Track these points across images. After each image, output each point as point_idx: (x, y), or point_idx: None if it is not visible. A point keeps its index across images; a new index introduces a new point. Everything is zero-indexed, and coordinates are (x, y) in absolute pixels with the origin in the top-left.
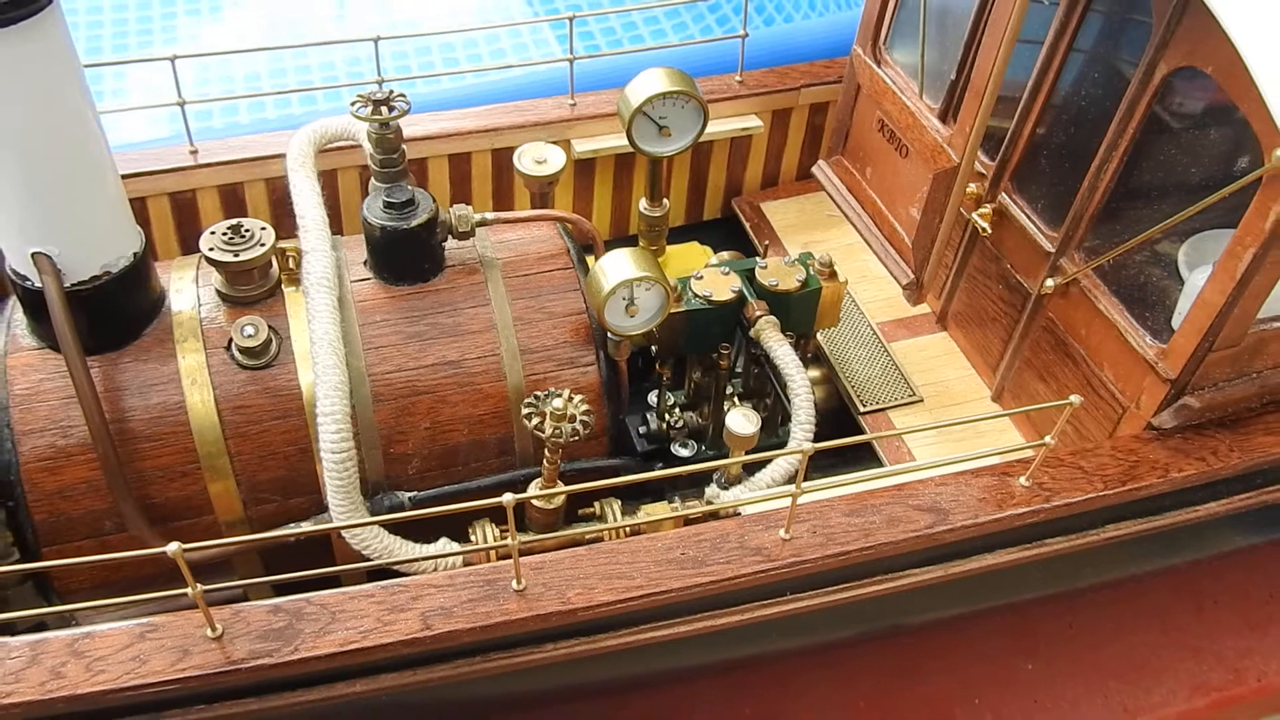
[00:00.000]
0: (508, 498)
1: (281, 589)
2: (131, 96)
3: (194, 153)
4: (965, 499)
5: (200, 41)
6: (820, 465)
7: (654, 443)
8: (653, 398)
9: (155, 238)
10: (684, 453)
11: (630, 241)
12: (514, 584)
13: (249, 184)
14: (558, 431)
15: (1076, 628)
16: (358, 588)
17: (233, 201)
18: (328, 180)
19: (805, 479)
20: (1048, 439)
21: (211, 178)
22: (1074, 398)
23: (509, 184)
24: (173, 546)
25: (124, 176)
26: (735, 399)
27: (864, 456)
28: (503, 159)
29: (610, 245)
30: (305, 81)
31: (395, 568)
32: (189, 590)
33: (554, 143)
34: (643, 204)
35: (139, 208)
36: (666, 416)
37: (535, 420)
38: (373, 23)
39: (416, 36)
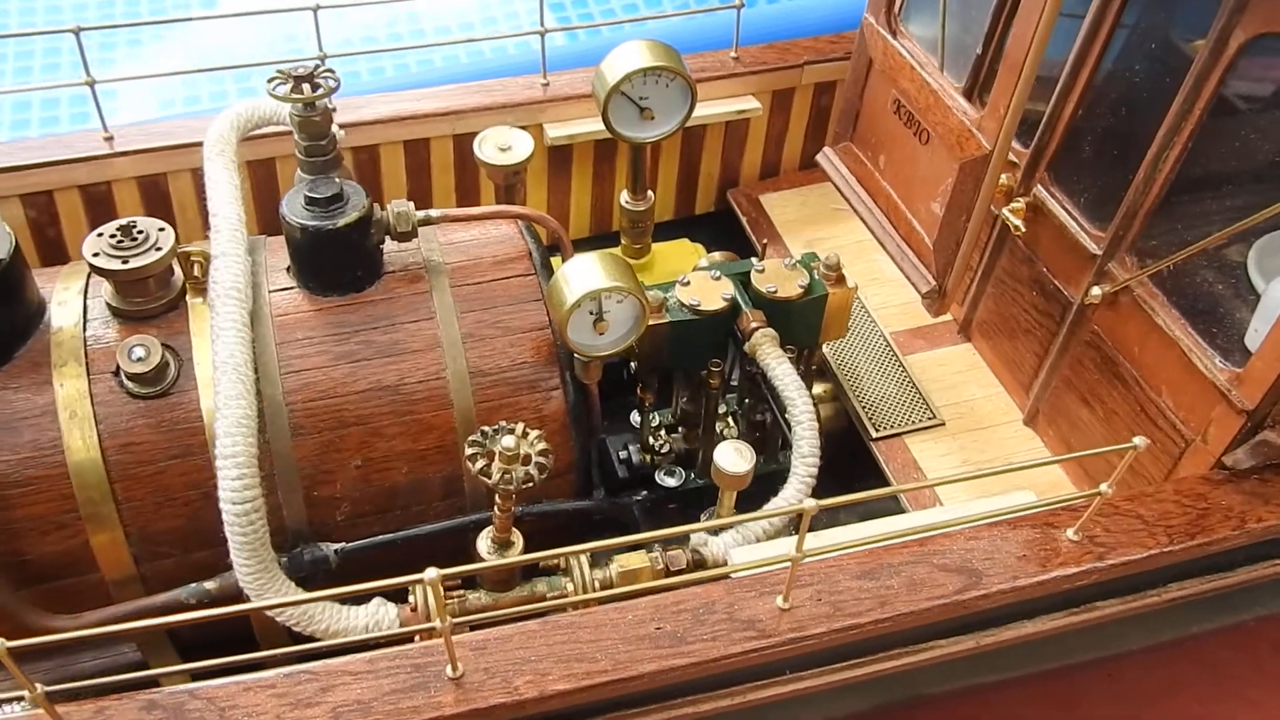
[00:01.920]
0: (430, 574)
1: (190, 645)
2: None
3: (109, 139)
4: (1002, 557)
5: (190, 35)
6: (826, 497)
7: (635, 470)
8: (635, 417)
9: (66, 238)
10: (670, 482)
11: (612, 239)
12: (449, 670)
13: (173, 175)
14: (507, 476)
15: (1121, 682)
16: (255, 676)
17: (154, 195)
18: (264, 171)
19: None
20: (1103, 487)
21: (129, 168)
22: (1138, 440)
23: (474, 175)
24: None
25: (26, 167)
26: (729, 419)
27: (875, 487)
28: (466, 146)
29: (585, 245)
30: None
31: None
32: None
33: (522, 127)
34: (624, 197)
35: (45, 202)
36: (650, 440)
37: (481, 463)
38: (367, 17)
39: (365, 4)
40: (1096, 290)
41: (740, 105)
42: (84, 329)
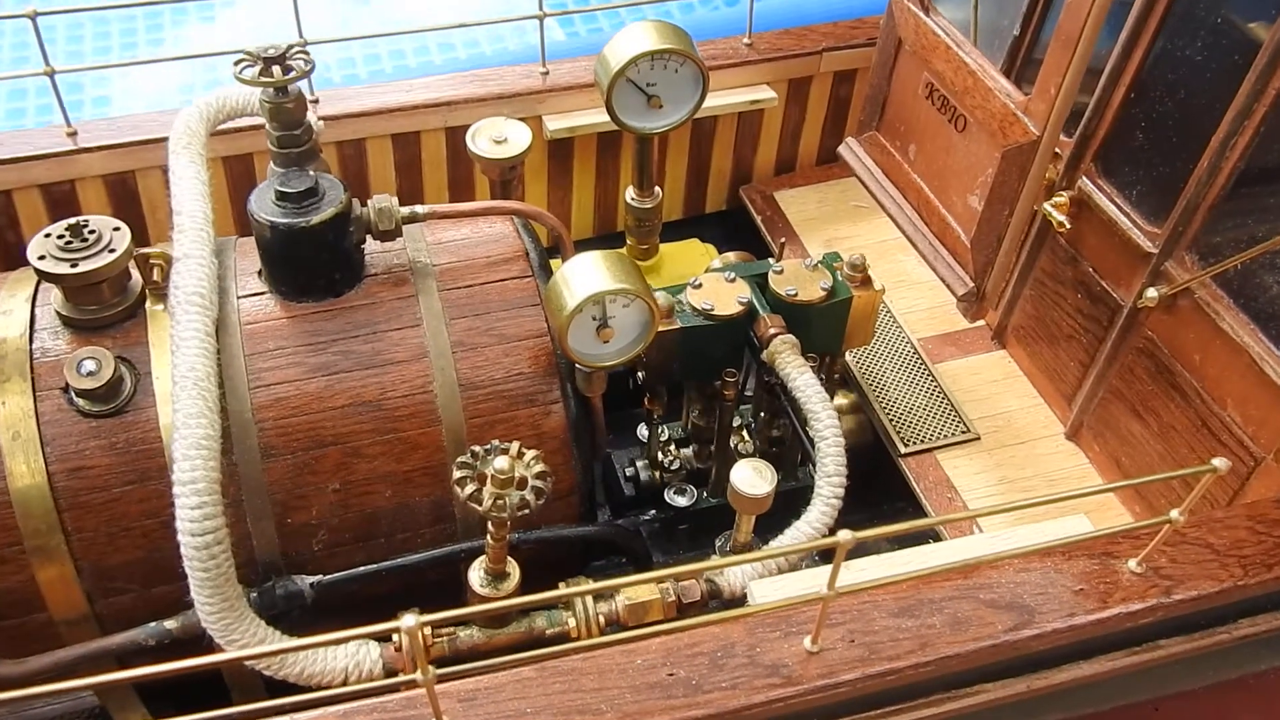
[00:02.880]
0: (408, 621)
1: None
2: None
3: (72, 134)
4: (1056, 591)
5: (191, 40)
6: (851, 520)
7: (643, 489)
8: (643, 431)
9: (27, 241)
10: (680, 501)
11: (617, 239)
12: None
13: (142, 173)
14: (500, 503)
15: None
16: None
17: (122, 194)
18: (241, 167)
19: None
20: (1174, 514)
21: (94, 165)
22: (1218, 462)
23: (468, 172)
24: None
25: None
26: (743, 433)
27: (905, 507)
28: (460, 140)
29: (588, 246)
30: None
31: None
32: None
33: (520, 119)
34: (630, 193)
35: (3, 203)
36: (658, 455)
37: (470, 487)
38: (368, 22)
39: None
40: (1153, 292)
41: (754, 95)
42: (30, 340)
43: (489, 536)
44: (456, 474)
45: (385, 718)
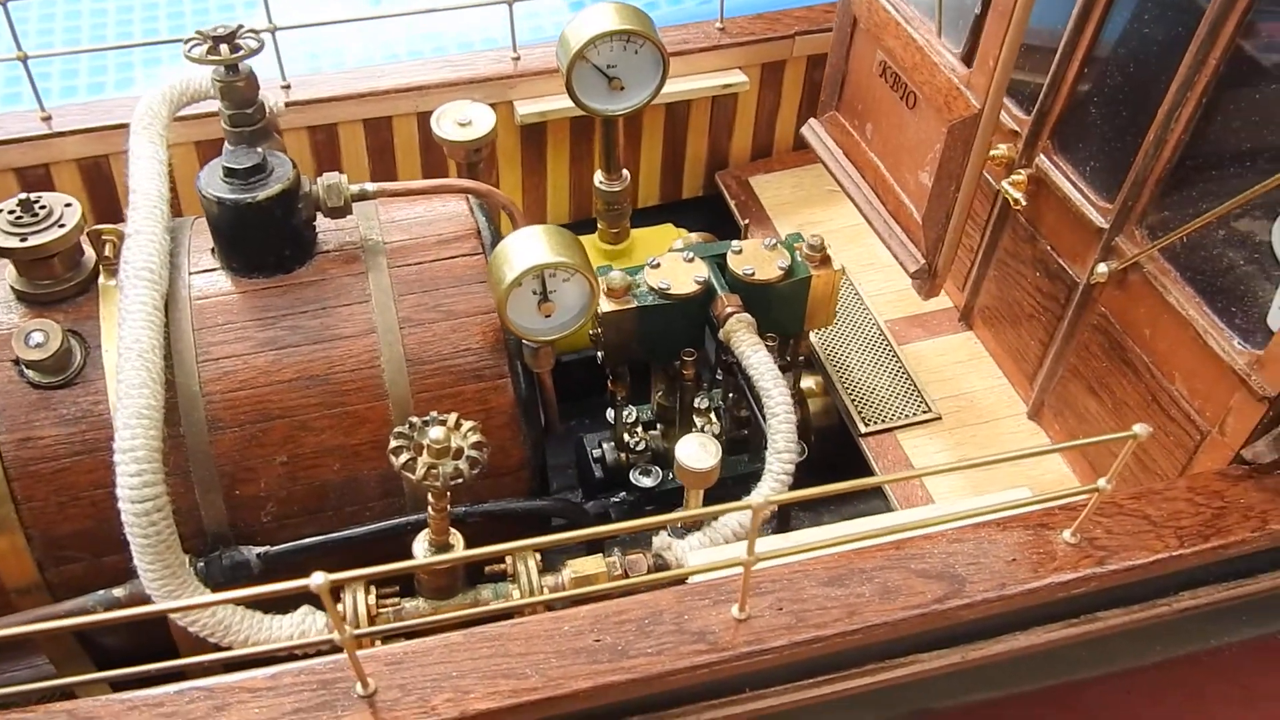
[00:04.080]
0: (317, 579)
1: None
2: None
3: (46, 119)
4: (988, 561)
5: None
6: (813, 501)
7: (611, 470)
8: (611, 413)
9: None
10: (645, 482)
11: (594, 225)
12: (358, 688)
13: (115, 157)
14: (434, 472)
15: (1139, 701)
16: (141, 694)
17: (97, 178)
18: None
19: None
20: (1101, 483)
21: (69, 149)
22: (1139, 428)
23: (440, 156)
24: None
25: None
26: (711, 416)
27: (869, 492)
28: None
29: None
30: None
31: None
32: None
33: (492, 105)
34: (598, 177)
35: None
36: (625, 437)
37: (405, 456)
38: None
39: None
40: (1103, 267)
41: (726, 79)
42: None
43: (430, 507)
44: (393, 443)
45: (313, 679)
